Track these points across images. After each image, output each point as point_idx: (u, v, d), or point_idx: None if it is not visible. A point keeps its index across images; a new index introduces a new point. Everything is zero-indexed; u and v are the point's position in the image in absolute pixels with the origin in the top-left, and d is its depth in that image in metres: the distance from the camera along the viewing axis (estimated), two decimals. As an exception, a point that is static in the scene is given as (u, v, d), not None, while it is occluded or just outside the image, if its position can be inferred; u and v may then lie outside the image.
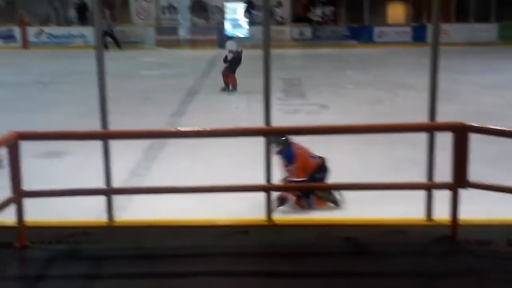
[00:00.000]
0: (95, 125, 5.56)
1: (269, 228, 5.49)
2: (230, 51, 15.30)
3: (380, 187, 5.75)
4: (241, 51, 15.51)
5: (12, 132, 4.59)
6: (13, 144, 4.57)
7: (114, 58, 14.74)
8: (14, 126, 5.02)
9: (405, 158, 8.77)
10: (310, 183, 7.01)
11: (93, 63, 5.36)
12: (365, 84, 16.21)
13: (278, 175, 6.67)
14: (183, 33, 26.26)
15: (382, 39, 25.86)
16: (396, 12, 27.53)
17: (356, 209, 6.65)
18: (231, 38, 19.60)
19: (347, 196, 7.02)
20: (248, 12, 26.38)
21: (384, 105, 13.39)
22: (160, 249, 4.96)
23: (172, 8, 27.42)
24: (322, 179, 7.14)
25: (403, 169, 8.18)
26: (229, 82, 15.34)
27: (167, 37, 26.46)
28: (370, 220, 5.79)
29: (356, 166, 8.46)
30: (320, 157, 7.27)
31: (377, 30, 26.19)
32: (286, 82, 16.07)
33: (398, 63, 20.64)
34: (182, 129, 8.31)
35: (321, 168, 7.20)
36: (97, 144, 5.59)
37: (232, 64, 15.29)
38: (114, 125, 5.58)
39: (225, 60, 15.36)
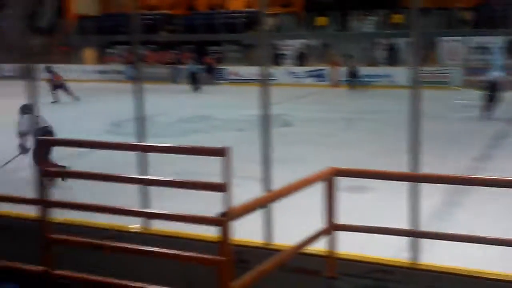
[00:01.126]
0: (391, 164, 5.63)
1: None
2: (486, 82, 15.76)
3: None
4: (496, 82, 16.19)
5: (329, 168, 4.90)
6: (329, 179, 4.88)
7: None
8: (320, 160, 5.32)
9: None
10: None
11: (397, 103, 5.45)
12: None
13: None
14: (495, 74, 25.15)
15: None
16: None
17: None
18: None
19: None
20: None
21: None
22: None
23: (482, 48, 26.44)
24: None
25: None
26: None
27: (475, 77, 25.58)
28: None
29: None
30: None
31: None
32: None
33: None
34: (492, 177, 7.88)
35: None
36: (399, 182, 5.65)
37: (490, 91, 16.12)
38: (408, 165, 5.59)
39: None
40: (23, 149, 10.96)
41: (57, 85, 23.38)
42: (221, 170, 3.78)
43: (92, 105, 23.18)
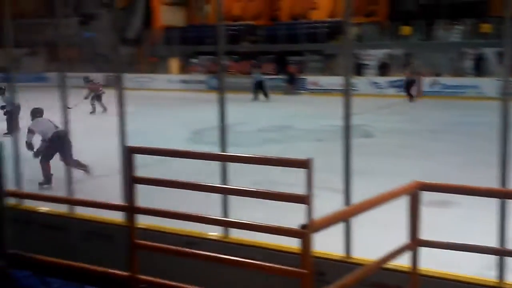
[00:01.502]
0: (476, 178, 5.42)
1: None
2: None
3: None
4: None
5: (414, 182, 4.78)
6: (413, 193, 4.76)
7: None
8: (401, 173, 5.16)
9: None
10: None
11: (483, 114, 5.26)
12: None
13: None
14: None
15: None
16: None
17: None
18: None
19: None
20: None
21: None
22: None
23: None
24: None
25: None
26: None
27: None
28: None
29: None
30: None
31: None
32: None
33: None
34: None
35: None
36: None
37: None
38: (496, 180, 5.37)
39: None
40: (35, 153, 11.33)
41: (97, 95, 22.98)
42: (302, 180, 3.77)
43: (175, 113, 23.76)
